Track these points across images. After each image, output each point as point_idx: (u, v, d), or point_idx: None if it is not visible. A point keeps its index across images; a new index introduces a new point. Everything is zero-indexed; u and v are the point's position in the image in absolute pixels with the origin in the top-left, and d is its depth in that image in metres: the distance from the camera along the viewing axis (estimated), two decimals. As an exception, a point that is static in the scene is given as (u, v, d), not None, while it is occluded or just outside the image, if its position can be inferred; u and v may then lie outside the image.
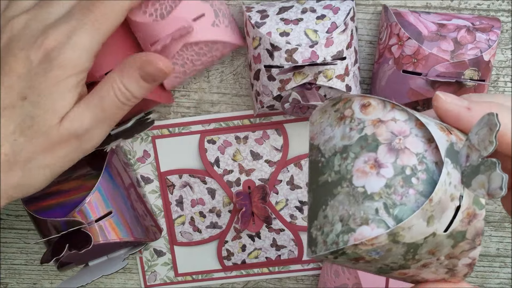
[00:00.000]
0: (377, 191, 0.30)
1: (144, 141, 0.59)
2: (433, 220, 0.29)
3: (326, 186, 0.32)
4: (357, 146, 0.31)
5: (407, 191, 0.29)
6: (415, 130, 0.31)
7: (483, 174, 0.28)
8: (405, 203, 0.29)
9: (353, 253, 0.30)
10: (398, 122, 0.31)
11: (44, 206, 0.53)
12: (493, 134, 0.27)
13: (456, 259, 0.31)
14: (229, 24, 0.52)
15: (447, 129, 0.31)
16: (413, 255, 0.30)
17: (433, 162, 0.30)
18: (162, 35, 0.49)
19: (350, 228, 0.30)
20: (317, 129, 0.35)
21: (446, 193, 0.29)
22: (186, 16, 0.49)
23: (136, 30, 0.51)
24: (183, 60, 0.51)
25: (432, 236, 0.29)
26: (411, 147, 0.30)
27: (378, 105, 0.32)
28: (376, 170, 0.30)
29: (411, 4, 0.53)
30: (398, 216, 0.29)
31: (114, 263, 0.55)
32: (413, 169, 0.30)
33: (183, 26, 0.49)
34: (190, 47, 0.51)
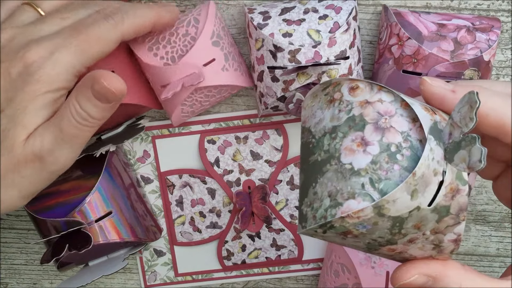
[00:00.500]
0: (363, 167, 0.31)
1: (144, 141, 0.59)
2: (417, 194, 0.30)
3: (316, 164, 0.34)
4: (345, 126, 0.33)
5: (392, 167, 0.31)
6: (400, 110, 0.32)
7: (464, 149, 0.29)
8: (390, 178, 0.31)
9: (340, 226, 0.31)
10: (384, 103, 0.32)
11: (44, 206, 0.53)
12: (473, 111, 0.29)
13: (442, 234, 0.32)
14: (238, 67, 0.52)
15: (432, 109, 0.33)
16: (399, 229, 0.31)
17: (417, 140, 0.31)
18: (172, 79, 0.50)
19: (337, 202, 0.31)
20: (309, 113, 0.36)
21: (429, 168, 0.30)
22: (197, 61, 0.50)
23: (146, 71, 0.51)
24: (192, 102, 0.52)
25: (417, 210, 0.30)
26: (396, 126, 0.31)
27: (365, 88, 0.33)
28: (363, 147, 0.32)
29: (411, 4, 0.53)
30: (383, 190, 0.30)
31: (114, 263, 0.55)
32: (398, 146, 0.31)
33: (195, 73, 0.49)
34: (200, 91, 0.51)
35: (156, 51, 0.50)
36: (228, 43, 0.52)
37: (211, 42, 0.50)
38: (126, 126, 0.56)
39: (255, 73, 0.52)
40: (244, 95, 0.57)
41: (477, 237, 0.60)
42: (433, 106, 0.34)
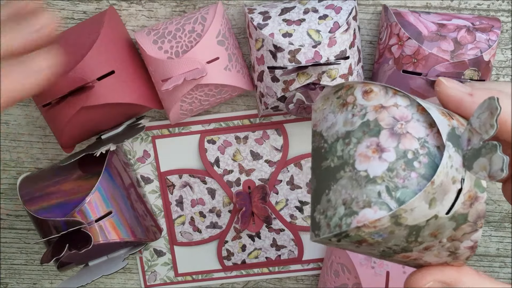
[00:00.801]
0: (379, 175, 0.30)
1: (144, 141, 0.59)
2: (435, 203, 0.29)
3: (329, 171, 0.33)
4: (360, 131, 0.32)
5: (409, 175, 0.30)
6: (417, 115, 0.31)
7: (484, 157, 0.28)
8: (407, 186, 0.30)
9: (356, 235, 0.31)
10: (400, 107, 0.31)
11: (44, 206, 0.53)
12: (494, 117, 0.28)
13: (458, 241, 0.32)
14: (240, 69, 0.52)
15: (449, 114, 0.32)
16: (416, 238, 0.31)
17: (434, 146, 0.30)
18: (174, 73, 0.50)
19: (353, 211, 0.30)
20: (320, 116, 0.35)
21: (448, 175, 0.29)
22: (201, 58, 0.50)
23: (149, 64, 0.51)
24: (191, 99, 0.52)
25: (434, 219, 0.30)
26: (413, 131, 0.31)
27: (380, 91, 0.32)
28: (378, 154, 0.31)
29: (411, 4, 0.53)
30: (400, 199, 0.30)
31: (114, 263, 0.55)
32: (415, 153, 0.30)
33: (198, 69, 0.49)
34: (201, 88, 0.51)
35: (161, 44, 0.50)
36: (233, 45, 0.52)
37: (217, 41, 0.50)
38: (126, 126, 0.56)
39: (255, 73, 0.52)
40: (244, 95, 0.57)
41: (477, 237, 0.60)
42: (448, 109, 0.33)
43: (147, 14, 0.55)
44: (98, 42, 0.50)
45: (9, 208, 0.61)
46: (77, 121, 0.52)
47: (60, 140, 0.54)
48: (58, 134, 0.53)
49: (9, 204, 0.61)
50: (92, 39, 0.50)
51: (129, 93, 0.52)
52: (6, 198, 0.61)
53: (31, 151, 0.59)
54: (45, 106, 0.51)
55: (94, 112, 0.52)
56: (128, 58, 0.52)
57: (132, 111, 0.55)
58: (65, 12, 0.55)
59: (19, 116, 0.58)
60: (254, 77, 0.53)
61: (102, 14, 0.52)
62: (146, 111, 0.57)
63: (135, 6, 0.55)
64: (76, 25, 0.53)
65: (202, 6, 0.54)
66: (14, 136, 0.59)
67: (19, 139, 0.59)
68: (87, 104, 0.50)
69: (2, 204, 0.61)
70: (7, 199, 0.61)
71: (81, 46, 0.50)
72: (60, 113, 0.51)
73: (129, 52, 0.53)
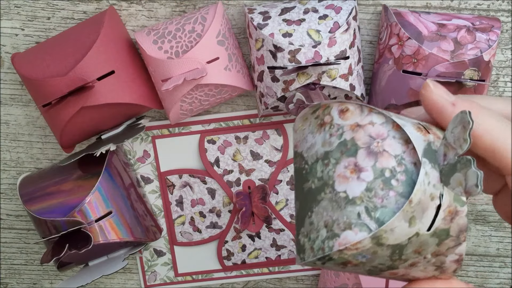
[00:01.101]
0: (358, 195, 0.30)
1: (144, 141, 0.59)
2: (414, 221, 0.29)
3: (311, 192, 0.33)
4: (337, 152, 0.32)
5: (387, 194, 0.30)
6: (393, 132, 0.31)
7: (459, 172, 0.28)
8: (386, 206, 0.30)
9: (339, 258, 0.31)
10: (376, 125, 0.31)
11: (44, 206, 0.53)
12: (466, 132, 0.28)
13: (443, 256, 0.32)
14: (240, 69, 0.52)
15: (425, 128, 0.31)
16: (399, 256, 0.31)
17: (411, 163, 0.30)
18: (174, 73, 0.50)
19: (334, 233, 0.30)
20: (300, 137, 0.35)
21: (426, 193, 0.29)
22: (201, 58, 0.50)
23: (149, 64, 0.51)
24: (191, 99, 0.52)
25: (416, 236, 0.30)
26: (389, 149, 0.30)
27: (355, 110, 0.32)
28: (357, 174, 0.30)
29: (411, 4, 0.53)
30: (380, 219, 0.30)
31: (114, 263, 0.55)
32: (392, 171, 0.30)
33: (198, 69, 0.49)
34: (201, 88, 0.51)
35: (161, 44, 0.50)
36: (233, 45, 0.52)
37: (217, 41, 0.50)
38: (126, 126, 0.56)
39: (255, 73, 0.52)
40: (244, 95, 0.57)
41: (477, 237, 0.60)
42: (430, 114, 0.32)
43: (147, 14, 0.55)
44: (98, 42, 0.50)
45: (9, 208, 0.61)
46: (77, 121, 0.52)
47: (60, 140, 0.54)
48: (58, 134, 0.53)
49: (9, 204, 0.61)
50: (92, 39, 0.50)
51: (129, 93, 0.52)
52: (6, 198, 0.61)
53: (31, 151, 0.59)
54: (45, 106, 0.51)
55: (94, 112, 0.52)
56: (128, 58, 0.52)
57: (132, 111, 0.55)
58: (65, 12, 0.55)
59: (19, 116, 0.58)
60: (254, 77, 0.53)
61: (102, 14, 0.52)
62: (146, 111, 0.57)
63: (135, 6, 0.55)
64: (76, 25, 0.53)
65: (202, 6, 0.54)
66: (14, 136, 0.59)
67: (19, 139, 0.59)
68: (87, 104, 0.50)
69: (2, 204, 0.61)
70: (7, 199, 0.61)
71: (81, 46, 0.50)
72: (60, 113, 0.51)
73: (129, 52, 0.53)
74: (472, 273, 0.62)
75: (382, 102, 0.52)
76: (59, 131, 0.53)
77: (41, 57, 0.51)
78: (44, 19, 0.56)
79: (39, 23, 0.56)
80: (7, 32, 0.56)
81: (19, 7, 0.55)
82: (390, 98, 0.52)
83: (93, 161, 0.54)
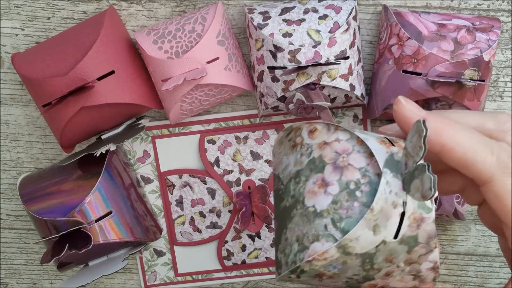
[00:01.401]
0: (325, 208, 0.31)
1: (144, 141, 0.59)
2: (379, 228, 0.30)
3: (285, 210, 0.34)
4: (307, 169, 0.33)
5: (352, 204, 0.31)
6: (357, 146, 0.32)
7: (417, 178, 0.29)
8: (351, 216, 0.31)
9: (310, 269, 0.31)
10: (341, 141, 0.33)
11: (44, 206, 0.53)
12: (421, 139, 0.28)
13: (417, 264, 0.32)
14: (240, 69, 0.52)
15: (389, 141, 0.33)
16: (371, 265, 0.31)
17: (375, 174, 0.31)
18: (174, 73, 0.50)
19: (304, 246, 0.32)
20: (277, 160, 0.37)
21: (388, 201, 0.30)
22: (201, 58, 0.50)
23: (149, 64, 0.51)
24: (191, 99, 0.52)
25: (383, 244, 0.31)
26: (354, 163, 0.32)
27: (323, 129, 0.34)
28: (324, 188, 0.32)
29: (411, 4, 0.53)
30: (344, 229, 0.31)
31: (114, 263, 0.55)
32: (357, 183, 0.31)
33: (198, 69, 0.49)
34: (201, 88, 0.51)
35: (161, 44, 0.50)
36: (233, 45, 0.52)
37: (217, 41, 0.50)
38: (126, 126, 0.56)
39: (255, 73, 0.52)
40: (244, 95, 0.57)
41: (477, 237, 0.60)
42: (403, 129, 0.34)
43: (147, 14, 0.55)
44: (98, 42, 0.50)
45: (9, 208, 0.61)
46: (77, 121, 0.52)
47: (60, 140, 0.54)
48: (58, 134, 0.53)
49: (9, 204, 0.61)
50: (92, 39, 0.50)
51: (129, 93, 0.52)
52: (6, 198, 0.61)
53: (31, 151, 0.59)
54: (45, 106, 0.51)
55: (94, 112, 0.52)
56: (128, 58, 0.52)
57: (132, 111, 0.55)
58: (65, 12, 0.55)
59: (19, 116, 0.58)
60: (254, 77, 0.53)
61: (102, 14, 0.52)
62: (146, 111, 0.57)
63: (135, 6, 0.55)
64: (76, 25, 0.53)
65: (202, 6, 0.54)
66: (14, 136, 0.59)
67: (19, 139, 0.59)
68: (87, 104, 0.50)
69: (2, 204, 0.61)
70: (7, 199, 0.61)
71: (81, 46, 0.50)
72: (60, 113, 0.51)
73: (129, 52, 0.53)
74: (472, 273, 0.62)
75: (382, 102, 0.52)
76: (59, 131, 0.53)
77: (41, 57, 0.51)
78: (44, 19, 0.56)
79: (39, 23, 0.56)
80: (7, 32, 0.56)
81: (19, 7, 0.55)
82: (390, 98, 0.52)
83: (93, 161, 0.54)
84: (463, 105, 0.50)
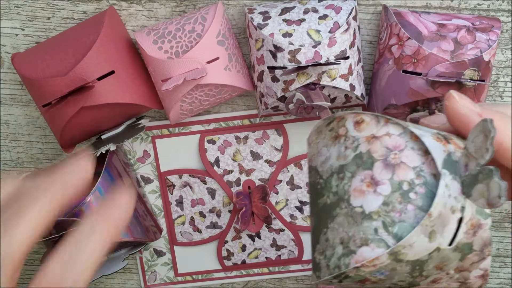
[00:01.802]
0: (375, 210, 0.29)
1: (144, 141, 0.59)
2: (435, 235, 0.28)
3: (326, 208, 0.32)
4: (353, 165, 0.31)
5: (405, 207, 0.29)
6: (411, 143, 0.30)
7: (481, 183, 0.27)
8: (404, 220, 0.29)
9: (356, 275, 0.30)
10: (393, 136, 0.30)
11: (44, 206, 0.53)
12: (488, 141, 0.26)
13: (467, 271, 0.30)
14: (240, 69, 0.52)
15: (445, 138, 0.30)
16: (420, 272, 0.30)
17: (431, 174, 0.29)
18: (174, 73, 0.50)
19: (350, 250, 0.29)
20: (314, 150, 0.34)
21: (446, 206, 0.28)
22: (201, 58, 0.50)
23: (149, 64, 0.51)
24: (191, 99, 0.52)
25: (437, 251, 0.29)
26: (407, 161, 0.29)
27: (371, 121, 0.31)
28: (373, 188, 0.29)
29: (411, 4, 0.53)
30: (398, 234, 0.28)
31: (114, 263, 0.55)
32: (411, 183, 0.29)
33: (198, 69, 0.49)
34: (201, 88, 0.51)
35: (161, 44, 0.50)
36: (233, 45, 0.52)
37: (217, 41, 0.50)
38: (126, 126, 0.56)
39: (255, 73, 0.52)
40: (244, 95, 0.57)
41: (477, 237, 0.60)
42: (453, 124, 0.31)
43: (147, 14, 0.55)
44: (98, 42, 0.50)
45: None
46: (77, 121, 0.52)
47: (60, 140, 0.54)
48: (58, 134, 0.53)
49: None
50: (92, 39, 0.50)
51: (129, 93, 0.52)
52: (6, 198, 0.61)
53: (31, 151, 0.59)
54: (45, 106, 0.51)
55: (94, 112, 0.52)
56: (128, 58, 0.52)
57: (132, 111, 0.55)
58: (65, 12, 0.55)
59: (19, 116, 0.58)
60: (254, 77, 0.53)
61: (102, 14, 0.52)
62: (146, 111, 0.57)
63: (135, 6, 0.55)
64: (76, 25, 0.53)
65: (202, 6, 0.54)
66: (14, 136, 0.59)
67: (19, 139, 0.59)
68: (87, 104, 0.50)
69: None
70: (7, 199, 0.61)
71: (81, 46, 0.50)
72: (60, 113, 0.51)
73: (129, 52, 0.53)
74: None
75: (382, 102, 0.52)
76: (59, 131, 0.52)
77: (41, 57, 0.51)
78: (44, 19, 0.56)
79: (39, 23, 0.56)
80: (7, 32, 0.56)
81: (19, 7, 0.55)
82: (390, 98, 0.52)
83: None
84: (463, 105, 0.50)
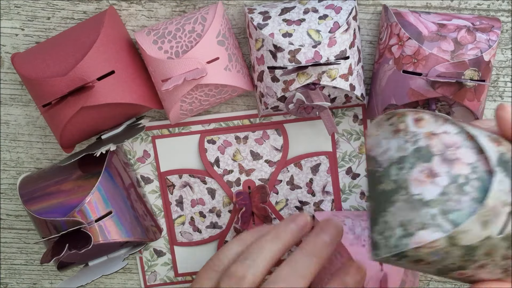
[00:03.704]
0: (433, 198, 0.33)
1: (144, 141, 0.59)
2: (487, 224, 0.32)
3: (385, 194, 0.36)
4: (413, 157, 0.35)
5: (461, 198, 0.33)
6: (467, 142, 0.34)
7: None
8: (461, 209, 0.32)
9: (414, 255, 0.33)
10: (450, 134, 0.34)
11: (44, 206, 0.53)
12: None
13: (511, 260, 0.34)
14: (240, 69, 0.52)
15: (496, 140, 0.34)
16: (471, 257, 0.33)
17: (485, 171, 0.33)
18: (174, 74, 0.50)
19: (409, 232, 0.33)
20: (374, 142, 0.38)
21: (499, 199, 0.32)
22: (201, 58, 0.50)
23: (149, 64, 0.51)
24: (191, 99, 0.52)
25: (487, 239, 0.32)
26: (463, 157, 0.33)
27: (430, 119, 0.35)
28: (431, 179, 0.33)
29: (411, 4, 0.53)
30: (455, 221, 0.32)
31: (114, 263, 0.55)
32: (467, 177, 0.33)
33: (198, 69, 0.49)
34: (201, 88, 0.51)
35: (161, 44, 0.50)
36: (233, 45, 0.52)
37: (217, 41, 0.50)
38: (126, 126, 0.56)
39: (255, 73, 0.52)
40: (244, 95, 0.57)
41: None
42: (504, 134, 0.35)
43: (147, 14, 0.55)
44: (98, 42, 0.50)
45: (9, 208, 0.61)
46: (77, 121, 0.52)
47: (60, 140, 0.54)
48: (58, 134, 0.53)
49: (9, 204, 0.61)
50: (92, 39, 0.50)
51: (129, 93, 0.52)
52: (6, 198, 0.61)
53: (31, 151, 0.59)
54: (45, 106, 0.51)
55: (94, 112, 0.52)
56: (128, 58, 0.52)
57: (132, 111, 0.55)
58: (65, 12, 0.55)
59: (19, 116, 0.58)
60: (254, 77, 0.53)
61: (102, 14, 0.52)
62: (146, 111, 0.57)
63: (135, 6, 0.55)
64: (76, 25, 0.53)
65: (202, 6, 0.54)
66: (14, 136, 0.59)
67: (19, 139, 0.59)
68: (87, 104, 0.50)
69: (2, 204, 0.61)
70: (7, 199, 0.61)
71: (81, 46, 0.50)
72: (60, 113, 0.51)
73: (129, 52, 0.53)
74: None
75: (382, 102, 0.52)
76: (59, 131, 0.53)
77: (41, 57, 0.51)
78: (44, 19, 0.56)
79: (39, 23, 0.56)
80: (7, 32, 0.56)
81: (19, 7, 0.55)
82: (390, 98, 0.52)
83: (93, 161, 0.54)
84: (463, 105, 0.50)
